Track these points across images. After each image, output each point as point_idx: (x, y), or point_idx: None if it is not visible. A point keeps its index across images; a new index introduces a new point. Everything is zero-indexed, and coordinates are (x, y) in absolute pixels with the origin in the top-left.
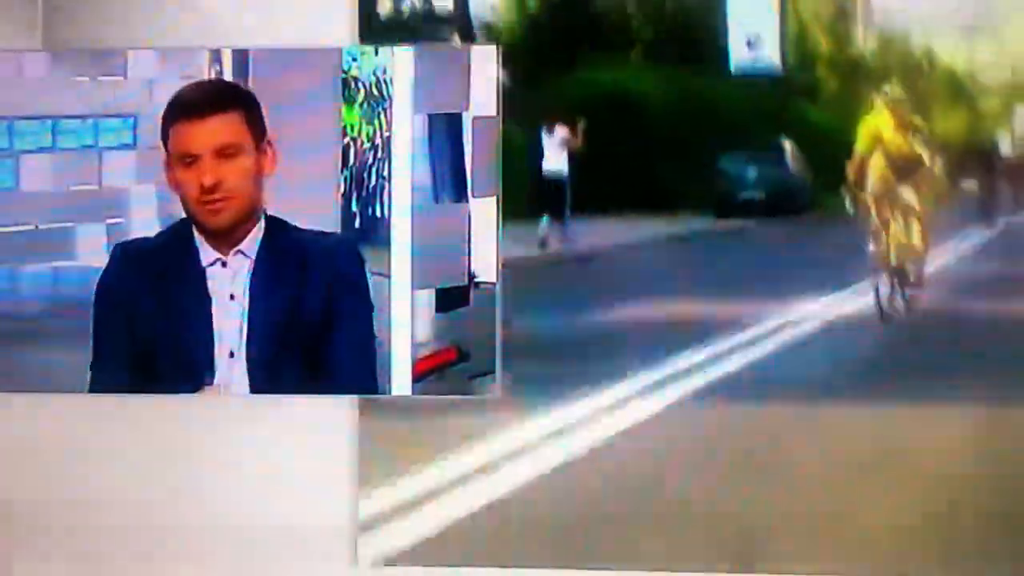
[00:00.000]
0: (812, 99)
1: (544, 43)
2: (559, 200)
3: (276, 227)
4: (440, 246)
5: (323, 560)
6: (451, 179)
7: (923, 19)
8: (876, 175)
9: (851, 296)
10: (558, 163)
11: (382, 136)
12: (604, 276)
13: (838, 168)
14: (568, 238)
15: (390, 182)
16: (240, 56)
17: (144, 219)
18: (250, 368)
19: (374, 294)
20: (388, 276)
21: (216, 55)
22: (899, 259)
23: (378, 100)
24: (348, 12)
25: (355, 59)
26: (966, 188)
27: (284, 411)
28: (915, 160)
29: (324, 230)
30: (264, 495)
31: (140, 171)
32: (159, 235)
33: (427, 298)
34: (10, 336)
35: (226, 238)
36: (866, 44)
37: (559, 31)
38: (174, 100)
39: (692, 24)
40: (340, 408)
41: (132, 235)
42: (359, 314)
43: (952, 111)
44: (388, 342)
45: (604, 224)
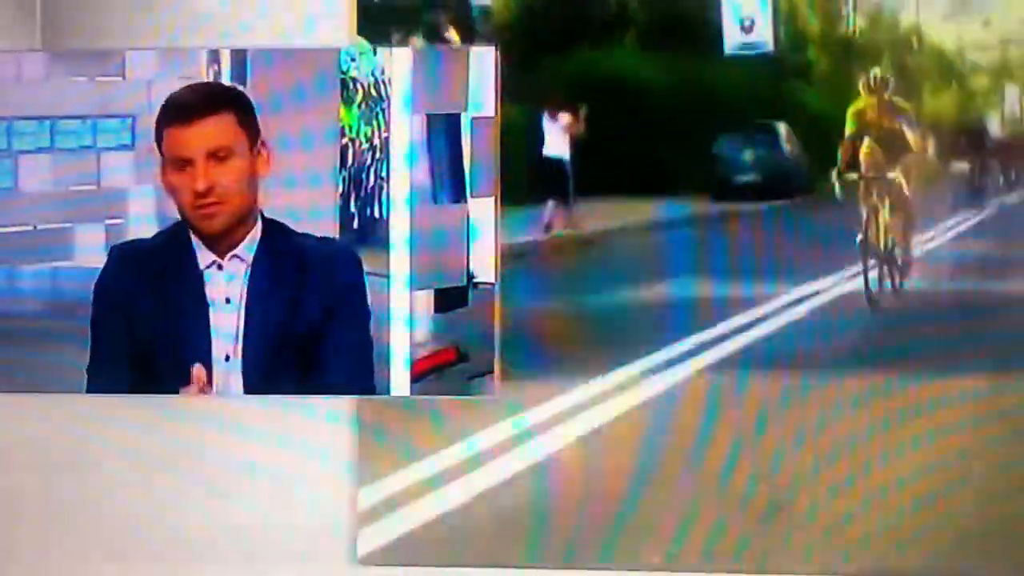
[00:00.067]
0: (807, 80)
1: (540, 29)
2: (562, 184)
3: (275, 231)
4: (439, 246)
5: (322, 560)
6: (450, 179)
7: None
8: (865, 158)
9: (840, 280)
10: (561, 148)
11: (380, 137)
12: (608, 259)
13: (833, 150)
14: (572, 222)
15: (388, 182)
16: (238, 56)
17: (143, 219)
18: (246, 371)
19: (371, 296)
20: (386, 276)
21: (214, 55)
22: (887, 243)
23: (376, 100)
24: (347, 12)
25: (353, 59)
26: (956, 170)
27: (282, 412)
28: (902, 142)
29: (324, 236)
30: (263, 495)
31: (139, 171)
32: (156, 236)
33: (426, 298)
34: (8, 336)
35: (222, 241)
36: (855, 23)
37: (555, 17)
38: (166, 103)
39: (686, 6)
40: (338, 409)
41: (131, 235)
42: (358, 320)
43: (942, 91)
44: (386, 343)
45: (606, 206)
